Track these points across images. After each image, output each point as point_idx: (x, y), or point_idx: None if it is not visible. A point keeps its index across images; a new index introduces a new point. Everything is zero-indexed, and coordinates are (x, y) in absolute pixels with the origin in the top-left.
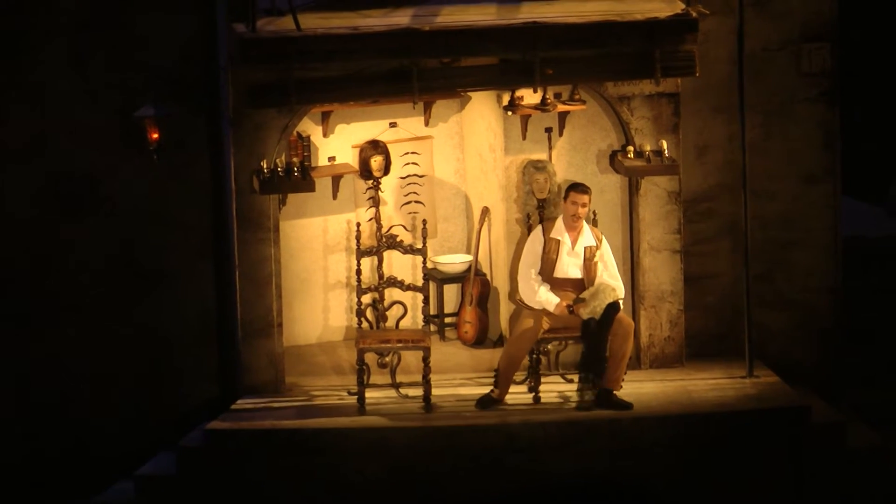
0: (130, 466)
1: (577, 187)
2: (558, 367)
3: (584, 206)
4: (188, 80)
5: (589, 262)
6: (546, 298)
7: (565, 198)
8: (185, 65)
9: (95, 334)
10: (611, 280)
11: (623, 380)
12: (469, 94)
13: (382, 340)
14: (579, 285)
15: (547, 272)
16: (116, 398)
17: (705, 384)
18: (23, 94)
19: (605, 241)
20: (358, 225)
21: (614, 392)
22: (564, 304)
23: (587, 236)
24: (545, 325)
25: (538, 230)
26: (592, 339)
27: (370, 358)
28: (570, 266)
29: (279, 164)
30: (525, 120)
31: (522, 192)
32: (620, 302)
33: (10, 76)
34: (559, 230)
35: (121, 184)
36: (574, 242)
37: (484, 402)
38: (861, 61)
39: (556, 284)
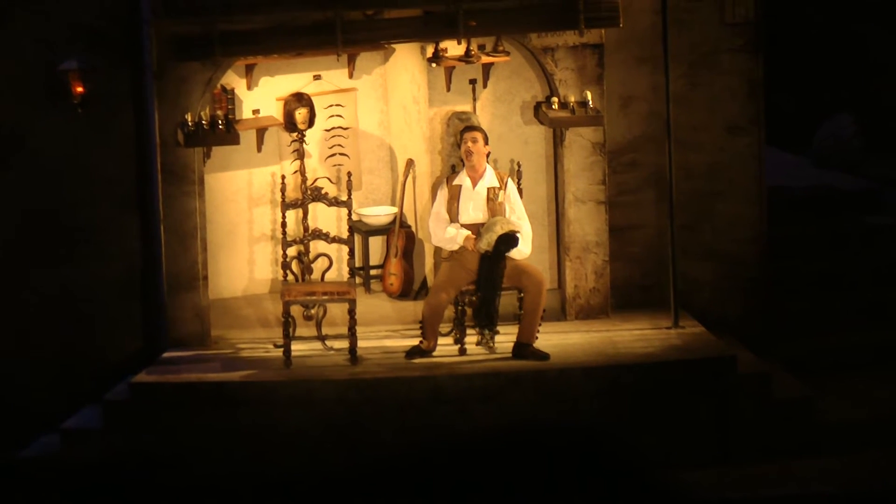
0: (56, 421)
1: (466, 128)
2: None
3: (474, 141)
4: (111, 33)
5: (493, 204)
6: (456, 233)
7: (459, 141)
8: (109, 18)
9: (19, 289)
10: (512, 217)
11: (538, 332)
12: (393, 46)
13: (308, 293)
14: None
15: (454, 219)
16: (42, 353)
17: (631, 335)
18: None
19: (510, 182)
20: (283, 177)
21: (531, 345)
22: (473, 236)
23: (489, 178)
24: (465, 275)
25: (443, 181)
26: (485, 273)
27: (296, 310)
28: (473, 209)
29: (203, 117)
30: (449, 72)
31: (447, 143)
32: (519, 235)
33: None
34: (461, 177)
35: (45, 138)
36: (475, 184)
37: (413, 353)
38: (785, 11)
39: None
